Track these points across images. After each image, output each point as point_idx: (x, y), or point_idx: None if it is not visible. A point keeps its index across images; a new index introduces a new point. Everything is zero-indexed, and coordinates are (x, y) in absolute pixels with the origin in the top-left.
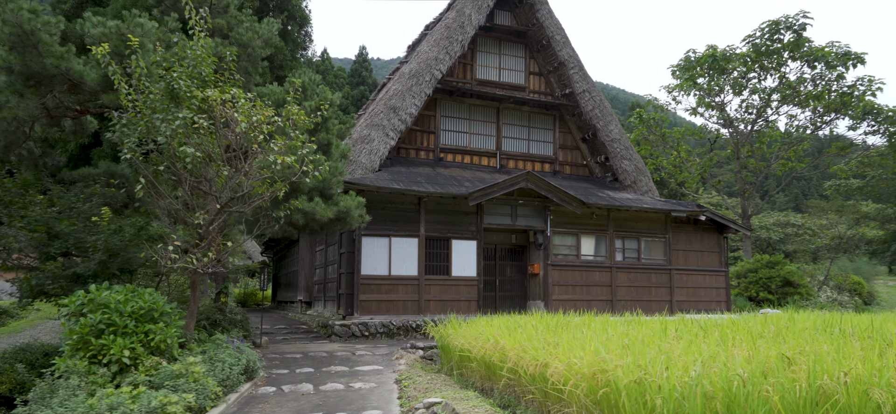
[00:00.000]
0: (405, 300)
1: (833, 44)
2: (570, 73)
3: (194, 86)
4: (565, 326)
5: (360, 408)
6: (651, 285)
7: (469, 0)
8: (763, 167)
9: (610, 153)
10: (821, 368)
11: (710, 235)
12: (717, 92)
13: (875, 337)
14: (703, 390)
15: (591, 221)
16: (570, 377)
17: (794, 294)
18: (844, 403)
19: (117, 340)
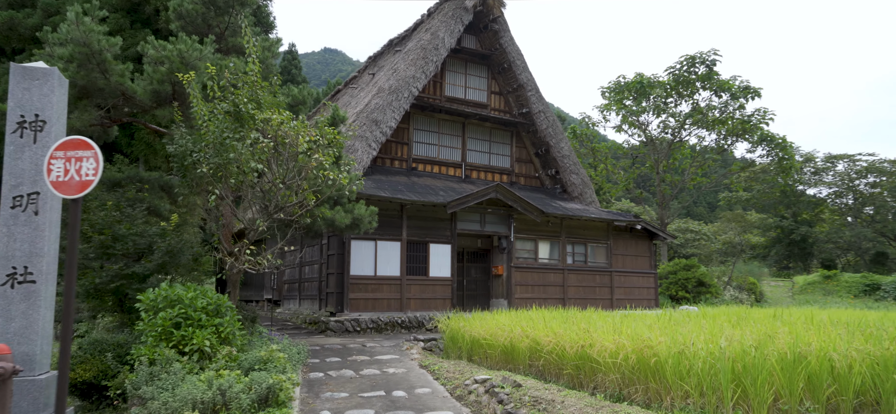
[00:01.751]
0: (389, 298)
1: (735, 78)
2: (528, 95)
3: (253, 107)
4: (570, 319)
5: (409, 387)
6: (596, 285)
7: (442, 25)
8: (678, 181)
9: (560, 167)
10: (797, 341)
11: (643, 241)
12: (639, 113)
13: (796, 321)
14: (733, 351)
15: (547, 228)
16: (619, 352)
17: (706, 293)
18: (819, 360)
19: (196, 332)
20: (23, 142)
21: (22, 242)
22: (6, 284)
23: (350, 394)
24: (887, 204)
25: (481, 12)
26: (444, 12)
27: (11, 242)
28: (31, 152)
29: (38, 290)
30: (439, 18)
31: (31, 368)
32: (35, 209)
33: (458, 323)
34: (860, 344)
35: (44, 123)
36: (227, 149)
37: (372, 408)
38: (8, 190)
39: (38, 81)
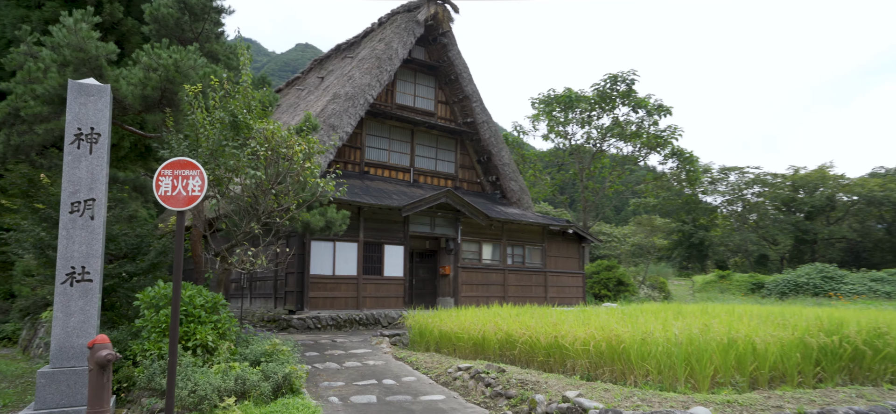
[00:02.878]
0: (346, 297)
1: (651, 96)
2: (473, 106)
3: (250, 117)
4: (534, 315)
5: (395, 376)
6: (532, 284)
7: (395, 36)
8: (599, 188)
9: (501, 175)
10: (731, 328)
11: (574, 244)
12: (566, 124)
13: (720, 314)
14: (684, 338)
15: (490, 231)
16: (589, 340)
17: (625, 291)
18: (746, 345)
19: (198, 328)
20: (80, 152)
21: (79, 243)
22: (66, 282)
23: (346, 383)
24: (768, 212)
25: (431, 26)
26: (396, 24)
27: (70, 244)
28: (87, 162)
29: (93, 288)
30: (392, 29)
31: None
32: (91, 214)
33: (427, 319)
34: (772, 331)
35: (99, 136)
36: (226, 156)
37: (371, 393)
38: (67, 196)
39: (93, 97)
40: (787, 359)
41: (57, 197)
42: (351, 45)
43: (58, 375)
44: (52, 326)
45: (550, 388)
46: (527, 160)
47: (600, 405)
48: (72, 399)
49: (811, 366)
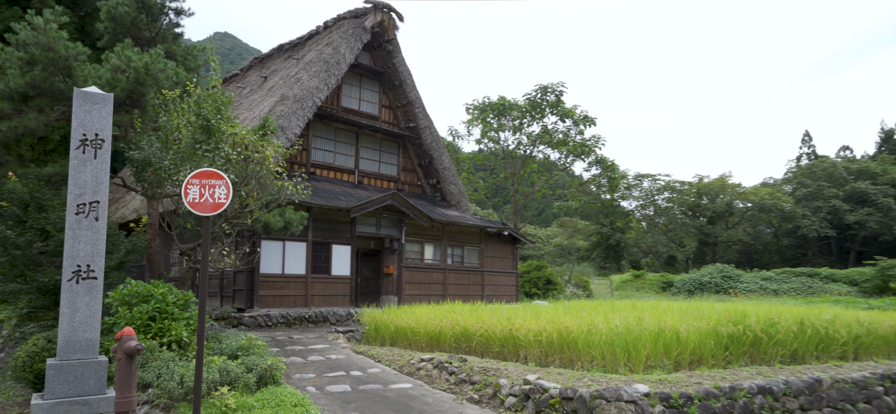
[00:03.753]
0: (295, 295)
1: (577, 106)
2: (416, 111)
3: (222, 122)
4: (481, 311)
5: (361, 368)
6: (470, 283)
7: (343, 41)
8: (529, 191)
9: (441, 178)
10: (661, 319)
11: (508, 245)
12: (499, 130)
13: (647, 309)
14: (621, 330)
15: (432, 232)
16: (542, 332)
17: (553, 290)
18: (671, 334)
19: (172, 324)
20: (85, 157)
21: (85, 243)
22: (72, 279)
23: (316, 374)
24: (677, 217)
25: (378, 33)
26: (343, 29)
27: (76, 244)
28: (92, 166)
29: (98, 285)
30: (339, 34)
31: (95, 352)
32: (96, 215)
33: (382, 316)
34: (692, 322)
35: (103, 142)
36: (199, 158)
37: (344, 383)
38: (72, 198)
39: (98, 105)
40: (703, 345)
41: (21, 195)
42: (294, 46)
43: (66, 367)
44: (60, 321)
45: (511, 373)
46: (460, 163)
47: (558, 385)
48: (80, 389)
49: (721, 350)
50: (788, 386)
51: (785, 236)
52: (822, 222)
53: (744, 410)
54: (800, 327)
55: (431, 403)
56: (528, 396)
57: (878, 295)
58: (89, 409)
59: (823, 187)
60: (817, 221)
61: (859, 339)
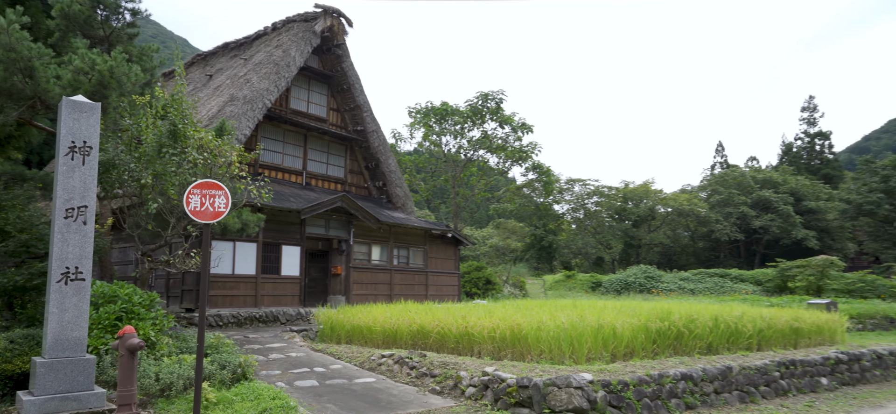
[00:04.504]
0: (245, 295)
1: (515, 114)
2: (364, 115)
3: (188, 127)
4: (434, 309)
5: (323, 364)
6: (415, 283)
7: (293, 44)
8: (469, 194)
9: (387, 181)
10: (599, 316)
11: (451, 247)
12: (441, 134)
13: (586, 306)
14: (566, 326)
15: (379, 234)
16: (496, 329)
17: (492, 290)
18: (608, 330)
19: (139, 323)
20: (74, 163)
21: (73, 246)
22: (61, 281)
23: (282, 371)
24: (604, 221)
25: (327, 37)
26: (293, 32)
27: (65, 247)
28: (80, 172)
29: (86, 286)
30: (289, 37)
31: (82, 350)
32: (84, 219)
33: (338, 315)
34: (625, 319)
35: (91, 149)
36: (167, 162)
37: (311, 379)
38: (61, 203)
39: (86, 114)
40: (635, 339)
41: None
42: (240, 45)
43: (55, 365)
44: (48, 320)
45: (469, 366)
46: (402, 165)
47: (514, 376)
48: (69, 386)
49: (650, 344)
50: (705, 373)
51: (700, 239)
52: (732, 227)
53: (669, 394)
54: (714, 323)
55: (397, 395)
56: (486, 386)
57: (778, 294)
58: (80, 404)
59: (734, 195)
60: (728, 225)
61: (762, 332)
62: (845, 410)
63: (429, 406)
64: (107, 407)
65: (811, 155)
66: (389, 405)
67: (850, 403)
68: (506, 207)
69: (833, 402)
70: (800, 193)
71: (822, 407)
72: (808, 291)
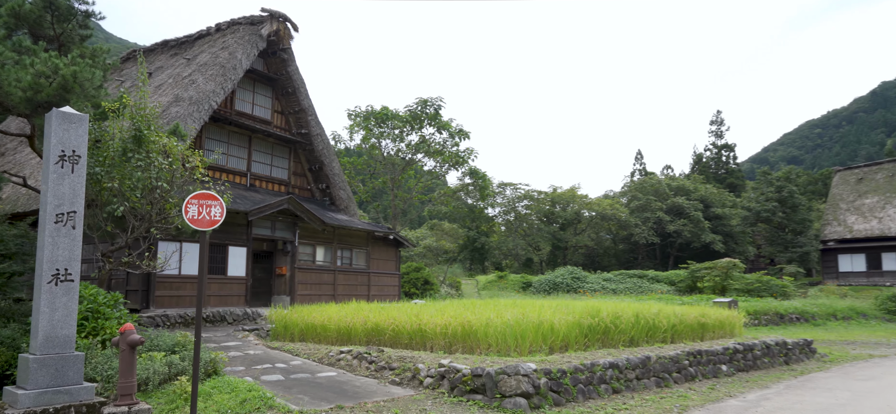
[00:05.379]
0: (191, 295)
1: (452, 119)
2: (308, 119)
3: (153, 133)
4: (387, 308)
5: (283, 361)
6: (358, 283)
7: (239, 47)
8: (407, 196)
9: (331, 184)
10: (539, 314)
11: (392, 248)
12: (380, 137)
13: (527, 305)
14: (512, 323)
15: (323, 235)
16: (448, 326)
17: (430, 290)
18: (548, 326)
19: (105, 323)
20: (63, 171)
21: (63, 249)
22: (51, 282)
23: (246, 367)
24: (534, 223)
25: (273, 41)
26: (239, 34)
27: (55, 250)
28: (69, 180)
29: (74, 286)
30: (234, 39)
31: (71, 346)
32: (73, 224)
33: (291, 314)
34: (561, 316)
35: (79, 158)
36: (133, 168)
37: (276, 374)
38: (52, 208)
39: (75, 124)
40: (570, 334)
41: None
42: (181, 44)
43: (47, 361)
44: (38, 319)
45: (425, 360)
46: (342, 167)
47: (468, 366)
48: (60, 380)
49: (583, 338)
50: (628, 362)
51: (621, 242)
52: (649, 231)
53: (599, 380)
54: (636, 319)
55: (360, 387)
56: (443, 376)
57: (689, 293)
58: (71, 397)
59: (651, 201)
60: (646, 229)
61: (675, 327)
62: (739, 390)
63: (392, 395)
64: (96, 400)
65: (718, 165)
66: (356, 395)
67: (743, 386)
68: (440, 208)
69: (730, 385)
70: (708, 200)
71: (721, 389)
72: (714, 291)
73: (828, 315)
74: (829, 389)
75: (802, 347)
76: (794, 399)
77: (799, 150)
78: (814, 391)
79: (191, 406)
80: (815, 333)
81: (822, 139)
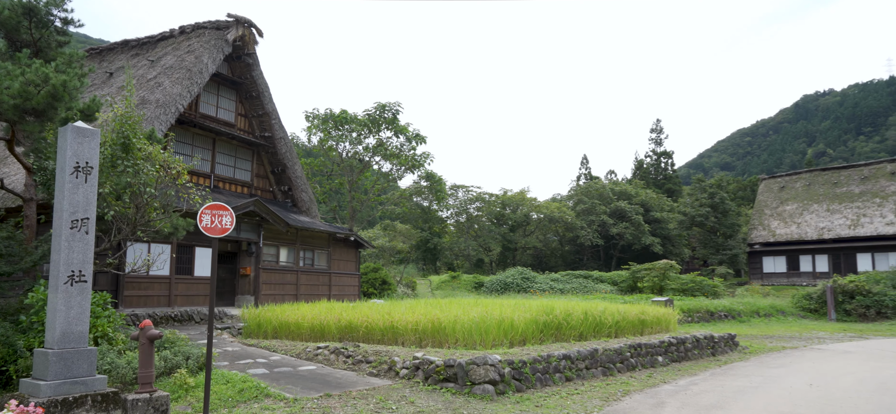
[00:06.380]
0: (159, 295)
1: (409, 123)
2: (272, 122)
3: (141, 141)
4: (359, 306)
5: (263, 357)
6: (319, 283)
7: (205, 51)
8: (364, 198)
9: (293, 186)
10: (500, 312)
11: (352, 249)
12: (339, 139)
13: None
14: (477, 319)
15: (286, 236)
16: (419, 323)
17: (388, 290)
18: (508, 323)
19: (97, 322)
20: (78, 181)
21: (78, 253)
22: (68, 282)
23: (230, 362)
24: (485, 225)
25: (239, 46)
26: (205, 38)
27: (71, 253)
28: (83, 189)
29: (87, 287)
30: (200, 43)
31: (85, 342)
32: (86, 230)
33: (264, 313)
34: (520, 314)
35: (92, 169)
36: (120, 173)
37: (259, 368)
38: (68, 215)
39: (88, 138)
40: (528, 329)
41: None
42: (143, 45)
43: (64, 355)
44: (55, 316)
45: (400, 353)
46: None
47: (441, 358)
48: (76, 372)
49: (539, 333)
50: (579, 354)
51: (567, 243)
52: (594, 233)
53: (554, 370)
54: (585, 316)
55: (341, 378)
56: (418, 367)
57: (630, 293)
58: (86, 387)
59: (596, 204)
60: (591, 232)
61: (618, 323)
62: (672, 378)
63: (372, 385)
64: (108, 390)
65: (658, 171)
66: (339, 385)
67: (676, 373)
68: (394, 209)
69: (665, 373)
70: (648, 205)
71: (658, 377)
72: (653, 291)
73: (752, 312)
74: (746, 375)
75: (727, 341)
76: (716, 384)
77: (731, 157)
78: (733, 377)
79: (205, 394)
80: (739, 329)
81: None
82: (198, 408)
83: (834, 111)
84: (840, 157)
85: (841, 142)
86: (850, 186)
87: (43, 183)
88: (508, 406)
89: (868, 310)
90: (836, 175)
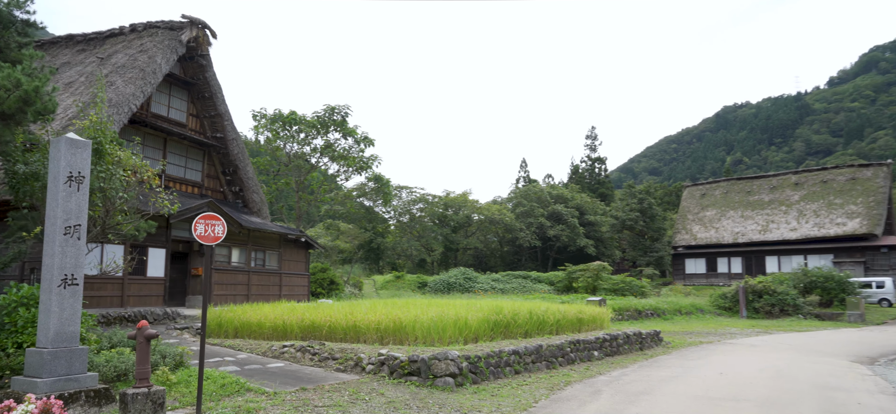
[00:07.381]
0: (111, 295)
1: (357, 126)
2: (224, 124)
3: (112, 146)
4: (320, 307)
5: (230, 355)
6: (270, 284)
7: (158, 51)
8: (311, 199)
9: (245, 187)
10: (454, 312)
11: (302, 250)
12: (287, 140)
13: (444, 304)
14: (435, 318)
15: (238, 237)
16: (381, 322)
17: (336, 289)
18: (463, 322)
19: None
20: (71, 190)
21: (70, 257)
22: (61, 285)
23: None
24: (428, 226)
25: (193, 47)
26: (158, 38)
27: (64, 258)
28: (76, 197)
29: (79, 289)
30: (153, 42)
31: (77, 341)
32: (78, 236)
33: (224, 313)
34: (473, 313)
35: (84, 178)
36: (93, 178)
37: (229, 366)
38: (61, 222)
39: (81, 149)
40: (480, 327)
41: None
42: (90, 40)
43: (58, 353)
44: (49, 317)
45: (365, 350)
46: None
47: (405, 354)
48: (69, 370)
49: (490, 330)
50: (526, 349)
51: (507, 245)
52: (532, 235)
53: (505, 364)
54: (530, 316)
55: (310, 374)
56: (383, 363)
57: (566, 292)
58: (79, 384)
59: (534, 207)
60: (529, 233)
61: (559, 321)
62: (606, 370)
63: (342, 380)
64: (100, 386)
65: (592, 176)
66: (310, 380)
67: (609, 366)
68: (338, 209)
69: (600, 365)
70: (583, 208)
71: (594, 369)
72: (587, 290)
73: (675, 311)
74: (669, 366)
75: (653, 337)
76: (644, 374)
77: (658, 163)
78: (658, 369)
79: (197, 389)
80: (664, 326)
81: (677, 153)
82: (184, 402)
83: (750, 122)
84: (755, 166)
85: (755, 151)
86: (761, 195)
87: (11, 186)
88: (468, 396)
89: (773, 308)
90: (749, 184)
